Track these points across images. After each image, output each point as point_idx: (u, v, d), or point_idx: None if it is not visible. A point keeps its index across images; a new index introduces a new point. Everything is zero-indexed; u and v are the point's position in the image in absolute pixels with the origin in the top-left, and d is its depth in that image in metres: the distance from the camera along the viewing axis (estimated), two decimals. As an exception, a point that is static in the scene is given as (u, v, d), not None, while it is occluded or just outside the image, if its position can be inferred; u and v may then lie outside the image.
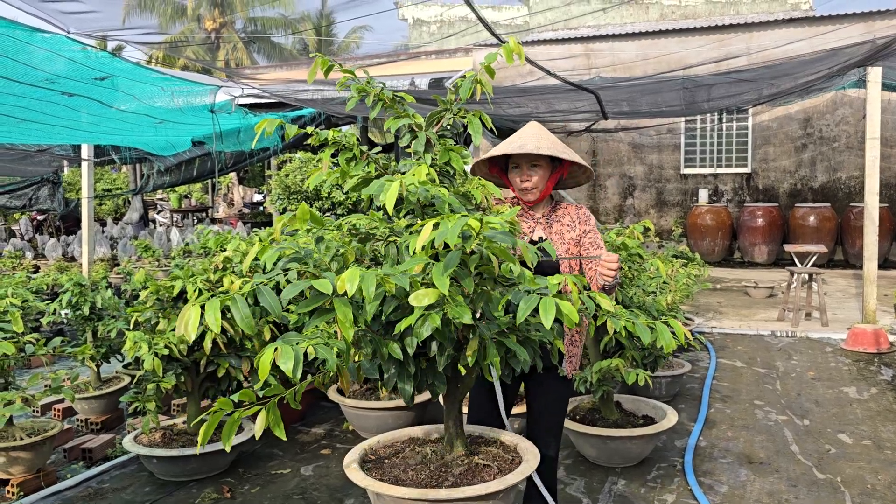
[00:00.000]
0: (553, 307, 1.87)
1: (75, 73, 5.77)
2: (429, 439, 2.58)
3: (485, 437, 2.60)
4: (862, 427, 4.74)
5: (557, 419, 2.88)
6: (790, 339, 7.47)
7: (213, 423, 1.82)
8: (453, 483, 2.21)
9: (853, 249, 12.18)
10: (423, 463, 2.36)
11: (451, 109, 2.41)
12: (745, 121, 13.67)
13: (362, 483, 2.19)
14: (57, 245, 13.93)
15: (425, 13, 20.22)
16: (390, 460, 2.42)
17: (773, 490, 3.81)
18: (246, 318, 1.82)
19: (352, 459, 2.38)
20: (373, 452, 2.51)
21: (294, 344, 1.80)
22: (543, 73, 7.45)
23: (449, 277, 1.86)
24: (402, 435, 2.63)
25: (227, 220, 18.62)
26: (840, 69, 7.60)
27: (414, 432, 2.64)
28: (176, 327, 1.76)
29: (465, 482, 2.22)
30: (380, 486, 2.16)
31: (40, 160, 12.89)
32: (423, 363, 2.21)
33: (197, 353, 4.04)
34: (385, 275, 1.85)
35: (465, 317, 1.92)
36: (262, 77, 9.66)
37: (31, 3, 4.55)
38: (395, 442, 2.59)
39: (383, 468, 2.35)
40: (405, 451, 2.49)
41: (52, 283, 6.49)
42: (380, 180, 2.10)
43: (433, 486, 2.19)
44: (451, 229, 1.79)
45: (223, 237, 5.07)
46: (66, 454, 4.49)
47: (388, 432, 2.65)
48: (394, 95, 2.38)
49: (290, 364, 1.72)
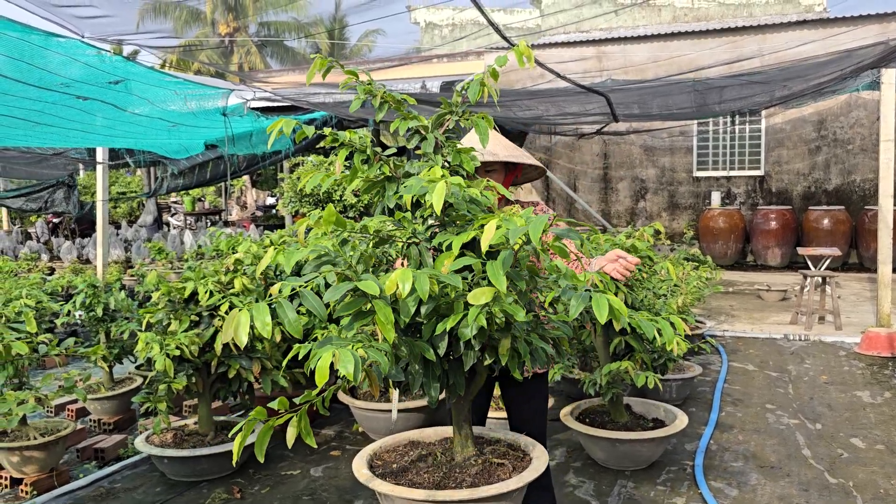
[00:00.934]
0: (606, 304, 1.91)
1: (90, 77, 5.82)
2: (438, 440, 2.59)
3: (485, 437, 2.61)
4: (875, 431, 4.70)
5: (543, 417, 2.91)
6: (803, 342, 7.42)
7: (248, 432, 1.85)
8: (471, 483, 2.22)
9: (867, 253, 12.08)
10: (434, 465, 2.36)
11: (456, 112, 2.41)
12: (758, 123, 13.60)
13: (381, 488, 2.18)
14: (72, 247, 14.06)
15: (437, 17, 20.26)
16: (401, 462, 2.43)
17: (785, 494, 3.78)
18: (294, 323, 1.83)
19: (362, 462, 2.38)
20: (383, 454, 2.51)
21: (349, 348, 1.82)
22: (554, 76, 7.44)
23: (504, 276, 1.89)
24: (412, 436, 2.63)
25: (240, 223, 18.72)
26: (853, 71, 7.55)
27: (425, 433, 2.64)
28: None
29: (483, 482, 2.23)
30: (393, 489, 2.16)
31: (56, 163, 13.01)
32: (446, 364, 2.23)
33: (208, 355, 4.07)
34: (432, 275, 1.87)
35: (518, 314, 1.95)
36: (274, 80, 9.72)
37: (45, 7, 4.61)
38: (405, 443, 2.60)
39: (395, 470, 2.36)
40: (415, 453, 2.50)
41: (66, 285, 6.55)
42: (418, 179, 2.11)
43: (452, 487, 2.19)
44: (521, 228, 1.81)
45: (234, 240, 5.11)
46: (78, 454, 4.53)
47: (398, 433, 2.66)
48: (400, 97, 2.39)
49: (350, 368, 1.74)
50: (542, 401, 2.90)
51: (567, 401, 5.17)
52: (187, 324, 3.99)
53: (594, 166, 14.63)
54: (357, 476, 2.29)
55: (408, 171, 2.33)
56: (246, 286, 4.21)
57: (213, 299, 4.03)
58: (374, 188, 2.33)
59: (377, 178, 2.32)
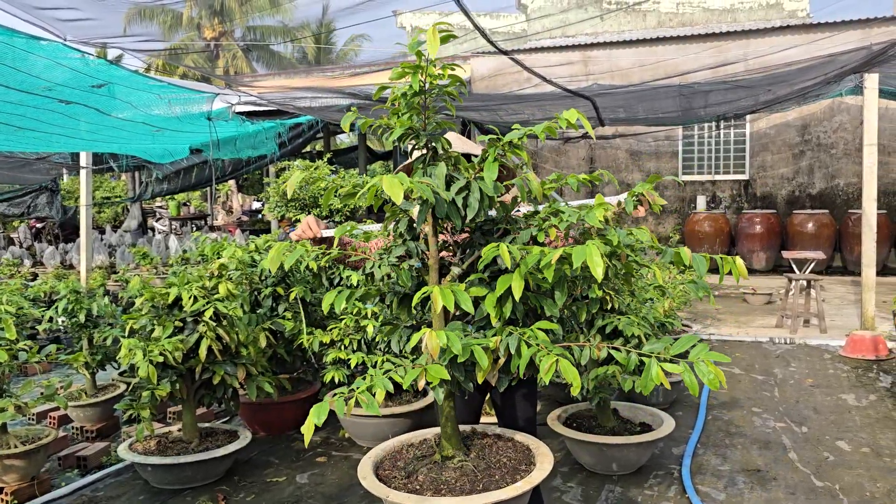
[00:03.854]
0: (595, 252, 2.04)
1: (73, 80, 5.76)
2: (437, 442, 2.56)
3: (479, 433, 2.60)
4: (861, 434, 4.72)
5: (533, 419, 2.90)
6: (788, 345, 7.46)
7: (324, 412, 1.92)
8: (484, 487, 2.21)
9: (851, 256, 12.17)
10: (442, 468, 2.34)
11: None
12: (743, 128, 13.69)
13: (395, 499, 2.15)
14: (55, 252, 13.92)
15: (423, 21, 20.27)
16: (405, 469, 2.40)
17: (771, 498, 3.79)
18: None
19: (367, 470, 2.33)
20: (384, 461, 2.48)
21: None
22: (541, 80, 7.46)
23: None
24: (415, 438, 2.61)
25: (225, 228, 18.60)
26: (836, 75, 7.62)
27: (426, 435, 2.62)
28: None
29: (494, 485, 2.22)
30: (402, 498, 2.12)
31: (39, 168, 12.90)
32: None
33: (192, 361, 4.03)
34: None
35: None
36: (260, 84, 9.67)
37: (27, 10, 4.56)
38: (407, 445, 2.57)
39: (398, 477, 2.33)
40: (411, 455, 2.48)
41: (49, 291, 6.47)
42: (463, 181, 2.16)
43: (470, 493, 2.18)
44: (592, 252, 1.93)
45: (219, 244, 5.07)
46: (60, 462, 4.47)
47: (400, 436, 2.63)
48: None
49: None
50: (532, 406, 2.89)
51: (554, 405, 5.16)
52: (171, 329, 3.95)
53: (580, 170, 14.66)
54: (364, 485, 2.24)
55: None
56: (231, 291, 4.18)
57: (198, 305, 3.99)
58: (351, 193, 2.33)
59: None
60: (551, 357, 1.96)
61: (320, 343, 4.67)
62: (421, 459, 2.42)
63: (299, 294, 4.80)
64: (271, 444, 4.77)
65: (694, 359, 1.93)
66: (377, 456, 2.47)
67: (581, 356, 2.30)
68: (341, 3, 25.41)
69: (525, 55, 13.52)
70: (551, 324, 2.15)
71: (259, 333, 4.47)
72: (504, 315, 2.13)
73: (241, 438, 4.20)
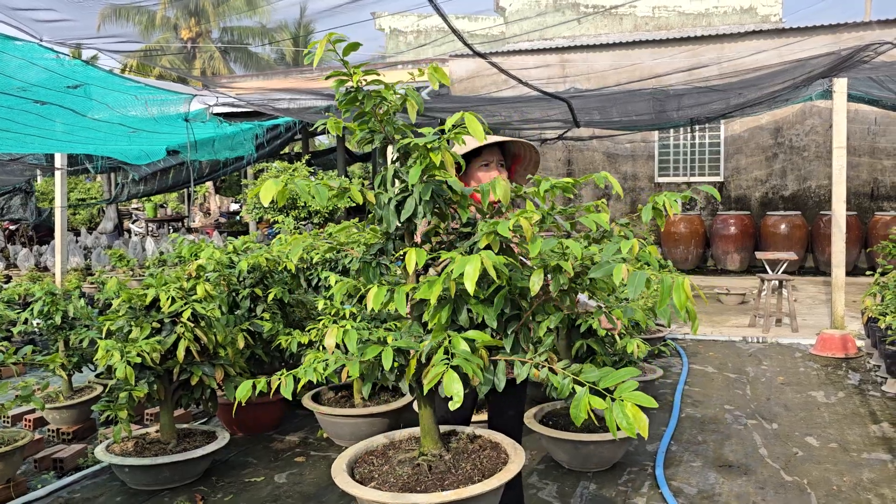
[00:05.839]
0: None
1: (48, 81, 5.73)
2: (413, 442, 2.60)
3: (458, 433, 2.64)
4: (829, 430, 4.84)
5: (520, 418, 2.95)
6: (761, 344, 7.59)
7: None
8: (457, 482, 2.25)
9: (823, 257, 12.39)
10: (415, 465, 2.38)
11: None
12: (718, 130, 13.89)
13: (368, 496, 2.17)
14: (29, 255, 13.76)
15: (401, 23, 20.31)
16: (379, 467, 2.43)
17: (742, 493, 3.87)
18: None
19: (339, 468, 2.37)
20: (359, 459, 2.51)
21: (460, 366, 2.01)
22: (517, 83, 7.53)
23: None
24: (392, 437, 2.64)
25: (203, 230, 18.49)
26: (806, 79, 7.77)
27: (404, 434, 2.66)
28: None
29: (467, 482, 2.26)
30: (375, 495, 2.16)
31: (12, 169, 12.75)
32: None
33: (170, 362, 4.04)
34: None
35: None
36: (238, 86, 9.65)
37: (3, 10, 4.54)
38: (384, 444, 2.60)
39: (373, 476, 2.36)
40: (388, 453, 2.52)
41: (24, 293, 6.42)
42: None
43: (443, 489, 2.21)
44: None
45: (197, 246, 5.07)
46: (36, 464, 4.45)
47: (375, 436, 2.66)
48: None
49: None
50: (517, 407, 2.95)
51: (531, 404, 5.21)
52: (149, 331, 3.95)
53: (557, 172, 14.78)
54: (339, 484, 2.27)
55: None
56: (209, 292, 4.19)
57: (175, 306, 3.99)
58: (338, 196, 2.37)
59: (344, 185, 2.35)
60: (440, 367, 1.99)
61: (299, 344, 4.69)
62: (397, 458, 2.46)
63: (277, 295, 4.82)
64: (249, 445, 4.78)
65: (617, 397, 1.79)
66: (353, 455, 2.50)
67: (520, 374, 2.24)
68: (319, 6, 25.22)
69: (503, 58, 13.61)
70: (481, 333, 2.12)
71: (237, 334, 4.48)
72: (440, 321, 2.18)
73: (219, 439, 4.21)
